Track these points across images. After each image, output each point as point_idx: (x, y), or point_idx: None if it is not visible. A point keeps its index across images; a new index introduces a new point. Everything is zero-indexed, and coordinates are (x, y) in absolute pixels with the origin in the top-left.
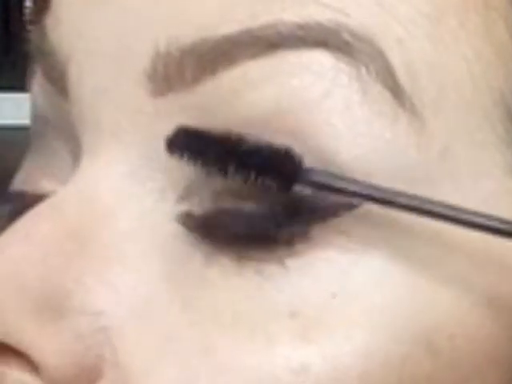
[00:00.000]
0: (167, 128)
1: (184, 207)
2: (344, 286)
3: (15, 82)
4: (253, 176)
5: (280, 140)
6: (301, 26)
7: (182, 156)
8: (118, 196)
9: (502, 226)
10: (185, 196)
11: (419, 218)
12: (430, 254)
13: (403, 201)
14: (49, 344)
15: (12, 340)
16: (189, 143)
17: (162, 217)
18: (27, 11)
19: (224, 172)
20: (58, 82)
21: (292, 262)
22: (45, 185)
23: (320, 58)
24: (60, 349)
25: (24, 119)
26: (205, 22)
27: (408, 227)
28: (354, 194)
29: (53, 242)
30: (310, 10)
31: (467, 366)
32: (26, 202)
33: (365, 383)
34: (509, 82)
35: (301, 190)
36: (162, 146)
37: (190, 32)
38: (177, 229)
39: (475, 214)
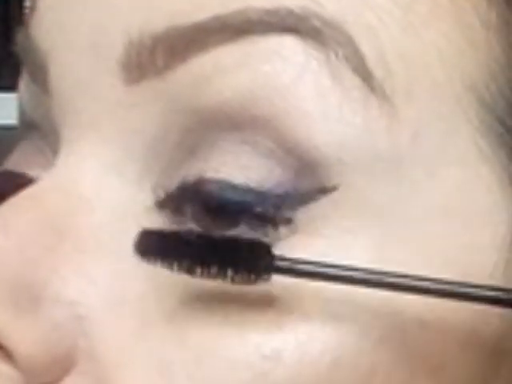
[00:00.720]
0: (142, 117)
1: (163, 190)
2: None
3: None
4: (223, 273)
5: (251, 126)
6: (270, 12)
7: (150, 260)
8: (96, 187)
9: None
10: (162, 184)
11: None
12: (406, 237)
13: (360, 275)
14: (23, 333)
15: None
16: (156, 245)
17: (138, 207)
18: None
19: (192, 272)
20: (40, 79)
21: (274, 246)
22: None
23: (290, 44)
24: (34, 338)
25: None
26: (176, 9)
27: (382, 209)
28: (329, 278)
29: (30, 233)
30: None
31: (440, 352)
32: (13, 182)
33: (337, 369)
34: (480, 69)
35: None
36: (137, 136)
37: (162, 20)
38: (154, 218)
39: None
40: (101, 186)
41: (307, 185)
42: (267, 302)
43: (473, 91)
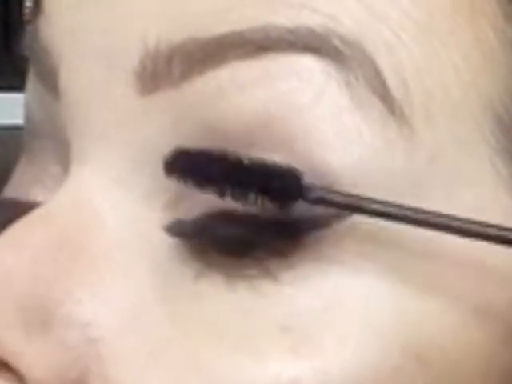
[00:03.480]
0: (155, 128)
1: (172, 215)
2: (335, 300)
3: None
4: (252, 198)
5: (267, 145)
6: (291, 31)
7: (180, 178)
8: (107, 203)
9: (501, 233)
10: (173, 203)
11: (408, 229)
12: (419, 266)
13: (397, 212)
14: (35, 355)
15: None
16: (187, 165)
17: (149, 225)
18: (27, 11)
19: (223, 194)
20: (50, 83)
21: (284, 275)
22: (35, 192)
23: (309, 64)
24: (46, 361)
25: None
26: (195, 21)
27: (397, 239)
28: (356, 209)
29: (43, 251)
30: (300, 14)
31: (459, 379)
32: (17, 210)
33: None
34: (497, 89)
35: (300, 206)
36: (150, 148)
37: (179, 30)
38: (165, 237)
39: (469, 221)
40: (112, 202)
41: (322, 209)
42: (281, 328)
43: (490, 110)
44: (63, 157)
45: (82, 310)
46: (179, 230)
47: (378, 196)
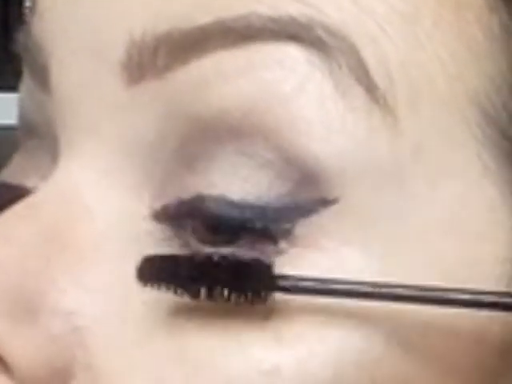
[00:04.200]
0: (141, 118)
1: (160, 203)
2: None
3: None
4: (226, 294)
5: (251, 134)
6: (274, 20)
7: (153, 285)
8: (96, 195)
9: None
10: (161, 193)
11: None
12: (407, 250)
13: (372, 290)
14: (21, 345)
15: None
16: (158, 271)
17: (138, 215)
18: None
19: (197, 296)
20: (41, 79)
21: (275, 261)
22: (28, 179)
23: (293, 53)
24: (32, 350)
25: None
26: (180, 11)
27: (383, 222)
28: (330, 292)
29: (30, 243)
30: (284, 4)
31: (443, 363)
32: (10, 194)
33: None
34: (483, 82)
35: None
36: (136, 138)
37: (164, 21)
38: (153, 228)
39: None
40: (101, 193)
41: (307, 197)
42: (266, 316)
43: (476, 103)
44: (53, 151)
45: (66, 299)
46: (164, 215)
47: (364, 184)
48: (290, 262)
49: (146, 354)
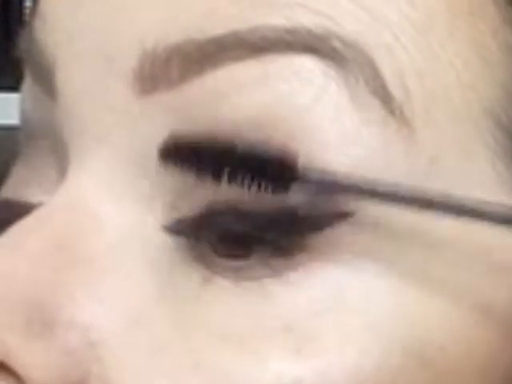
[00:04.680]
0: (153, 130)
1: (171, 216)
2: (338, 301)
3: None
4: (248, 180)
5: (266, 145)
6: (288, 31)
7: (175, 164)
8: (106, 206)
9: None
10: (174, 205)
11: (409, 228)
12: (420, 265)
13: (395, 191)
14: (36, 359)
15: None
16: (181, 151)
17: (149, 227)
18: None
19: (218, 178)
20: (46, 83)
21: (290, 275)
22: (32, 193)
23: (309, 64)
24: (47, 364)
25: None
26: (193, 22)
27: (398, 238)
28: (352, 190)
29: (41, 255)
30: (298, 15)
31: (460, 378)
32: (14, 211)
33: None
34: (496, 92)
35: (298, 190)
36: (148, 149)
37: (177, 32)
38: (165, 238)
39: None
40: (112, 205)
41: (322, 210)
42: (284, 328)
43: (490, 113)
44: (60, 157)
45: (82, 313)
46: (179, 228)
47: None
48: (304, 275)
49: (162, 368)
